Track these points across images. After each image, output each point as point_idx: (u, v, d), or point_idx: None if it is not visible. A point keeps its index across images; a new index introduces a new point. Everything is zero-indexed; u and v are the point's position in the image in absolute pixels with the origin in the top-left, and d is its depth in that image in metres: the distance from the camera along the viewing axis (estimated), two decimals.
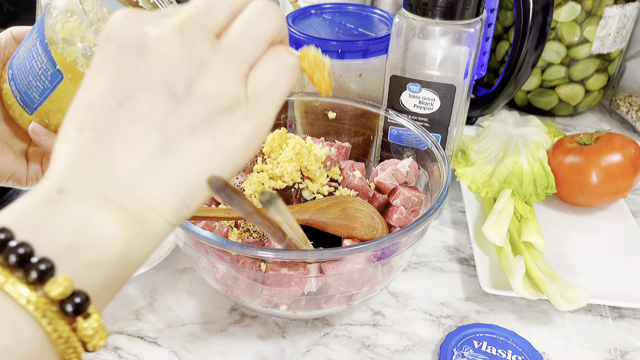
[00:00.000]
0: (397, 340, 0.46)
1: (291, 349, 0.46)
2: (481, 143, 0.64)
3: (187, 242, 0.42)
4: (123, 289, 0.51)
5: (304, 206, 0.43)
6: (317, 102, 0.58)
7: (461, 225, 0.60)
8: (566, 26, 0.72)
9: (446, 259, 0.55)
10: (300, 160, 0.45)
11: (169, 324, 0.48)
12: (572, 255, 0.55)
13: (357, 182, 0.47)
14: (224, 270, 0.42)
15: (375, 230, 0.45)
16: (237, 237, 0.44)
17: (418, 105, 0.53)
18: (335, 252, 0.38)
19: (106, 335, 0.22)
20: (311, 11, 0.63)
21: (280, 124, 0.58)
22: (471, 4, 0.48)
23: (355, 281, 0.41)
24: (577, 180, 0.57)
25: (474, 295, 0.51)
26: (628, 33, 0.75)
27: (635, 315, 0.49)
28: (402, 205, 0.47)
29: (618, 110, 0.81)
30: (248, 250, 0.37)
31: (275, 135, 0.47)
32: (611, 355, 0.45)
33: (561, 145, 0.60)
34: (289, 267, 0.40)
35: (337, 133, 0.60)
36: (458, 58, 0.50)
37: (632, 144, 0.57)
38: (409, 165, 0.48)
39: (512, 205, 0.55)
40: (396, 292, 0.51)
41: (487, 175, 0.59)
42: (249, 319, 0.48)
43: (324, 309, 0.44)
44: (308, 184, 0.46)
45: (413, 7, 0.49)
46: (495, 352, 0.43)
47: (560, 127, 0.79)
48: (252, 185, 0.44)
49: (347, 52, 0.55)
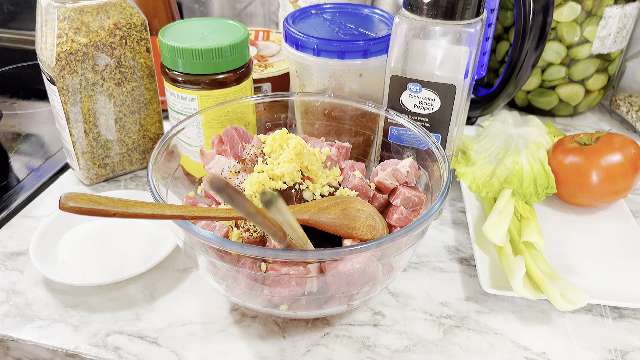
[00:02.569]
0: (397, 340, 0.47)
1: (291, 349, 0.46)
2: (481, 143, 0.64)
3: (187, 242, 0.42)
4: (123, 289, 0.51)
5: (304, 206, 0.43)
6: (317, 102, 0.58)
7: (461, 225, 0.60)
8: (566, 26, 0.72)
9: (446, 259, 0.55)
10: (300, 160, 0.45)
11: (169, 324, 0.48)
12: (572, 255, 0.55)
13: (357, 182, 0.47)
14: (224, 270, 0.42)
15: (375, 231, 0.45)
16: (237, 237, 0.44)
17: (418, 105, 0.53)
18: (336, 252, 0.38)
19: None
20: (311, 11, 0.63)
21: (281, 124, 0.58)
22: (471, 4, 0.48)
23: (355, 281, 0.41)
24: (577, 180, 0.57)
25: (474, 295, 0.51)
26: (628, 33, 0.75)
27: (635, 315, 0.49)
28: (403, 205, 0.47)
29: (618, 110, 0.81)
30: (248, 250, 0.37)
31: (275, 135, 0.47)
32: (611, 355, 0.45)
33: (561, 145, 0.60)
34: (289, 267, 0.40)
35: (337, 133, 0.60)
36: (458, 58, 0.50)
37: (632, 144, 0.57)
38: (409, 165, 0.48)
39: (513, 205, 0.55)
40: (396, 292, 0.51)
41: (487, 175, 0.59)
42: (249, 319, 0.48)
43: (324, 309, 0.44)
44: (308, 184, 0.46)
45: (413, 7, 0.49)
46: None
47: (561, 127, 0.79)
48: (252, 185, 0.44)
49: (348, 52, 0.55)
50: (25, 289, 0.51)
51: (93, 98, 0.59)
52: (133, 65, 0.60)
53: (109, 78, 0.59)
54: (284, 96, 0.57)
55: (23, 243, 0.56)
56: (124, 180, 0.66)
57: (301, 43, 0.57)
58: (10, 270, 0.53)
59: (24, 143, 0.74)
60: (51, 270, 0.50)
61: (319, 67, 0.58)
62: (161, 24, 0.73)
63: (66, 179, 0.67)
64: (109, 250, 0.53)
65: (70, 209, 0.33)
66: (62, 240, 0.54)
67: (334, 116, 0.59)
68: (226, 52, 0.54)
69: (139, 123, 0.64)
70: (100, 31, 0.57)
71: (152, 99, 0.64)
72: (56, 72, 0.55)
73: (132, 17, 0.58)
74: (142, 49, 0.60)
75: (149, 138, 0.66)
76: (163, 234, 0.55)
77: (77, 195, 0.34)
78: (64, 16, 0.55)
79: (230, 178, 0.48)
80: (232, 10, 1.02)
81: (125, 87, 0.61)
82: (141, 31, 0.59)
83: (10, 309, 0.49)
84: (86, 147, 0.61)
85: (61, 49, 0.55)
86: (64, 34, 0.55)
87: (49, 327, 0.47)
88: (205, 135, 0.56)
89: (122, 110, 0.62)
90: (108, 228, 0.56)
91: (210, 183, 0.24)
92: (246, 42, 0.57)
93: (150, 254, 0.52)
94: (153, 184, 0.43)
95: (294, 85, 0.63)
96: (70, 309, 0.49)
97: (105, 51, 0.57)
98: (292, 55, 0.59)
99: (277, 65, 0.72)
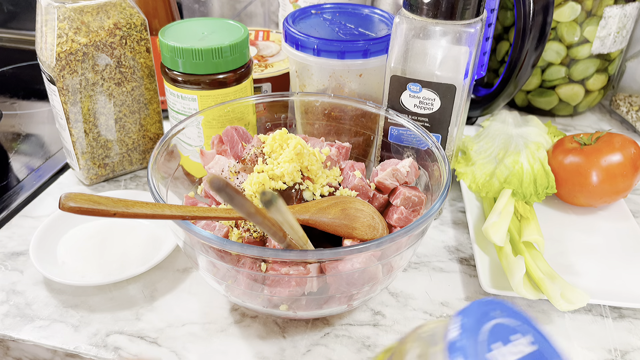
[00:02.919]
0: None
1: (291, 349, 0.46)
2: (481, 143, 0.64)
3: (187, 242, 0.42)
4: (123, 289, 0.51)
5: (304, 206, 0.43)
6: (317, 102, 0.58)
7: (461, 225, 0.60)
8: (566, 26, 0.72)
9: (446, 259, 0.55)
10: (300, 160, 0.45)
11: (169, 324, 0.48)
12: (572, 255, 0.55)
13: (357, 182, 0.47)
14: (224, 270, 0.42)
15: (375, 231, 0.45)
16: (237, 237, 0.44)
17: (418, 105, 0.53)
18: (336, 252, 0.38)
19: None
20: (311, 11, 0.63)
21: (281, 124, 0.58)
22: (471, 4, 0.48)
23: (355, 281, 0.41)
24: (577, 180, 0.57)
25: (474, 295, 0.51)
26: (628, 33, 0.75)
27: (635, 315, 0.49)
28: (402, 205, 0.47)
29: (618, 110, 0.81)
30: (248, 250, 0.37)
31: (275, 135, 0.47)
32: (611, 355, 0.45)
33: (561, 145, 0.60)
34: (289, 267, 0.40)
35: (337, 133, 0.60)
36: (458, 58, 0.50)
37: (632, 144, 0.57)
38: (409, 165, 0.48)
39: (512, 205, 0.55)
40: (396, 292, 0.51)
41: (487, 175, 0.59)
42: (249, 319, 0.48)
43: (324, 309, 0.44)
44: (308, 184, 0.46)
45: (413, 7, 0.49)
46: None
47: (560, 127, 0.79)
48: (252, 185, 0.44)
49: (348, 52, 0.55)
50: (25, 289, 0.51)
51: (93, 98, 0.59)
52: (133, 65, 0.60)
53: (109, 78, 0.59)
54: (284, 96, 0.57)
55: (23, 243, 0.56)
56: (124, 180, 0.66)
57: (301, 43, 0.57)
58: (10, 270, 0.53)
59: (24, 143, 0.74)
60: (51, 270, 0.50)
61: (319, 67, 0.58)
62: (161, 24, 0.73)
63: (66, 179, 0.67)
64: (109, 250, 0.53)
65: (70, 209, 0.33)
66: (62, 240, 0.54)
67: (334, 116, 0.59)
68: (226, 52, 0.54)
69: (139, 123, 0.64)
70: (100, 31, 0.57)
71: (152, 99, 0.64)
72: (56, 72, 0.55)
73: (132, 17, 0.58)
74: (142, 49, 0.60)
75: (149, 138, 0.66)
76: (163, 234, 0.55)
77: (77, 195, 0.34)
78: (64, 16, 0.55)
79: (230, 178, 0.48)
80: (232, 10, 1.02)
81: (125, 87, 0.61)
82: (141, 31, 0.59)
83: (10, 309, 0.49)
84: (86, 147, 0.61)
85: (61, 49, 0.55)
86: (64, 34, 0.55)
87: (49, 327, 0.47)
88: (205, 135, 0.56)
89: (122, 110, 0.62)
90: (108, 228, 0.56)
91: (210, 183, 0.24)
92: (246, 42, 0.57)
93: (150, 254, 0.52)
94: (153, 184, 0.43)
95: (294, 85, 0.63)
96: (70, 309, 0.49)
97: (105, 51, 0.57)
98: (292, 55, 0.59)
99: (277, 65, 0.72)
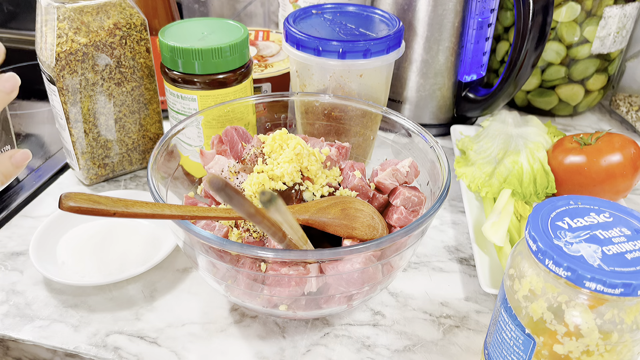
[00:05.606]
0: (397, 340, 0.47)
1: (291, 349, 0.46)
2: (481, 143, 0.64)
3: (187, 242, 0.42)
4: (123, 289, 0.51)
5: (304, 206, 0.43)
6: (317, 102, 0.58)
7: (461, 225, 0.60)
8: (566, 26, 0.72)
9: (446, 259, 0.55)
10: (300, 160, 0.45)
11: (169, 324, 0.48)
12: None
13: (357, 182, 0.47)
14: (224, 270, 0.42)
15: (375, 231, 0.45)
16: (237, 237, 0.44)
17: None
18: (335, 252, 0.38)
19: None
20: (312, 11, 0.63)
21: (281, 124, 0.58)
22: None
23: (355, 281, 0.41)
24: (577, 180, 0.57)
25: (474, 295, 0.51)
26: (628, 33, 0.75)
27: None
28: (402, 205, 0.47)
29: (618, 110, 0.81)
30: (248, 250, 0.37)
31: (275, 135, 0.47)
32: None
33: (561, 145, 0.60)
34: (289, 267, 0.40)
35: (337, 133, 0.60)
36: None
37: (632, 144, 0.57)
38: (409, 165, 0.48)
39: (512, 205, 0.55)
40: (396, 292, 0.51)
41: (487, 175, 0.59)
42: (249, 319, 0.48)
43: (324, 309, 0.44)
44: (308, 184, 0.46)
45: None
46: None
47: (560, 127, 0.79)
48: (252, 185, 0.44)
49: (348, 52, 0.55)
50: (25, 289, 0.51)
51: (93, 98, 0.59)
52: (133, 65, 0.60)
53: (108, 78, 0.59)
54: (284, 96, 0.57)
55: (23, 243, 0.56)
56: (124, 180, 0.66)
57: (302, 43, 0.57)
58: (10, 270, 0.53)
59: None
60: (51, 270, 0.50)
61: (320, 67, 0.58)
62: (161, 24, 0.73)
63: (66, 179, 0.67)
64: (109, 250, 0.53)
65: (70, 208, 0.33)
66: (62, 240, 0.54)
67: (334, 116, 0.59)
68: (226, 52, 0.54)
69: (138, 123, 0.64)
70: (100, 31, 0.57)
71: (152, 99, 0.64)
72: (56, 72, 0.55)
73: (132, 17, 0.58)
74: (142, 49, 0.60)
75: (149, 138, 0.66)
76: (163, 234, 0.55)
77: (76, 194, 0.34)
78: (63, 16, 0.55)
79: (230, 178, 0.48)
80: (232, 10, 1.02)
81: (125, 87, 0.61)
82: (141, 31, 0.59)
83: (10, 309, 0.49)
84: (86, 147, 0.61)
85: (61, 49, 0.55)
86: (63, 34, 0.55)
87: (48, 327, 0.47)
88: (205, 135, 0.56)
89: (122, 110, 0.62)
90: (108, 228, 0.56)
91: (210, 183, 0.24)
92: (246, 42, 0.57)
93: (150, 254, 0.52)
94: (153, 184, 0.43)
95: (294, 85, 0.63)
96: (70, 309, 0.49)
97: (105, 51, 0.57)
98: (293, 55, 0.59)
99: (277, 65, 0.72)
